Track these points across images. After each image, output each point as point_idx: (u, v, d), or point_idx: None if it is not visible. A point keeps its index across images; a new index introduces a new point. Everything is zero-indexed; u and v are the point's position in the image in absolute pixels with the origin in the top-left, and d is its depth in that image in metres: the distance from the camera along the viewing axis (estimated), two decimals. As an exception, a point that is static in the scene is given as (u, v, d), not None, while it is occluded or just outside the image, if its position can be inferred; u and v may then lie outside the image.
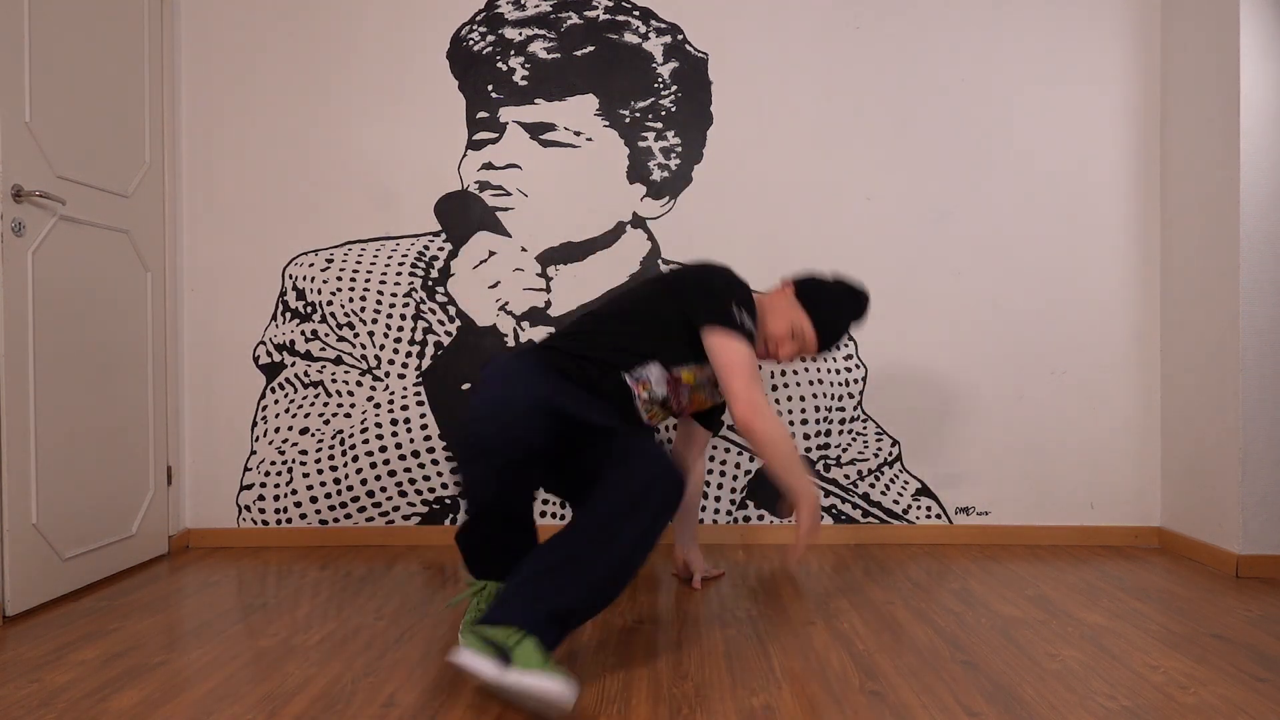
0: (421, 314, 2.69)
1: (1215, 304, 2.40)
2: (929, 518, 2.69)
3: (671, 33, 2.69)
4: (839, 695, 1.50)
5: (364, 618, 1.95)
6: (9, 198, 1.97)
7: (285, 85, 2.71)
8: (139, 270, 2.48)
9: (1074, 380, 2.67)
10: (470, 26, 2.70)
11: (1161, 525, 2.65)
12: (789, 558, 1.91)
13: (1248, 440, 2.29)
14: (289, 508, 2.70)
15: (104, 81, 2.33)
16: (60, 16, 2.16)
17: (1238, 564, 2.28)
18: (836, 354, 2.69)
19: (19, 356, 2.00)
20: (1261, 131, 2.30)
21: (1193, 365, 2.50)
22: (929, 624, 1.88)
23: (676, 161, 2.69)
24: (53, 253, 2.12)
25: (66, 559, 2.15)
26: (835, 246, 2.68)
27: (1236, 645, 1.74)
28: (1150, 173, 2.66)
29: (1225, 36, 2.35)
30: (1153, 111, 2.66)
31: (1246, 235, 2.30)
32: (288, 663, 1.67)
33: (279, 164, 2.71)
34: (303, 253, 2.72)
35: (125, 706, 1.47)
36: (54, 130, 2.13)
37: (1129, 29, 2.66)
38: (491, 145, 2.69)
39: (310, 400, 2.70)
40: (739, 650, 1.72)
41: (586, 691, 1.52)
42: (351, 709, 1.45)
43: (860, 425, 2.69)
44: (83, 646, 1.78)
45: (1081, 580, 2.24)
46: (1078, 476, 2.67)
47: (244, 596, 2.14)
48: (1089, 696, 1.48)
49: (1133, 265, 2.67)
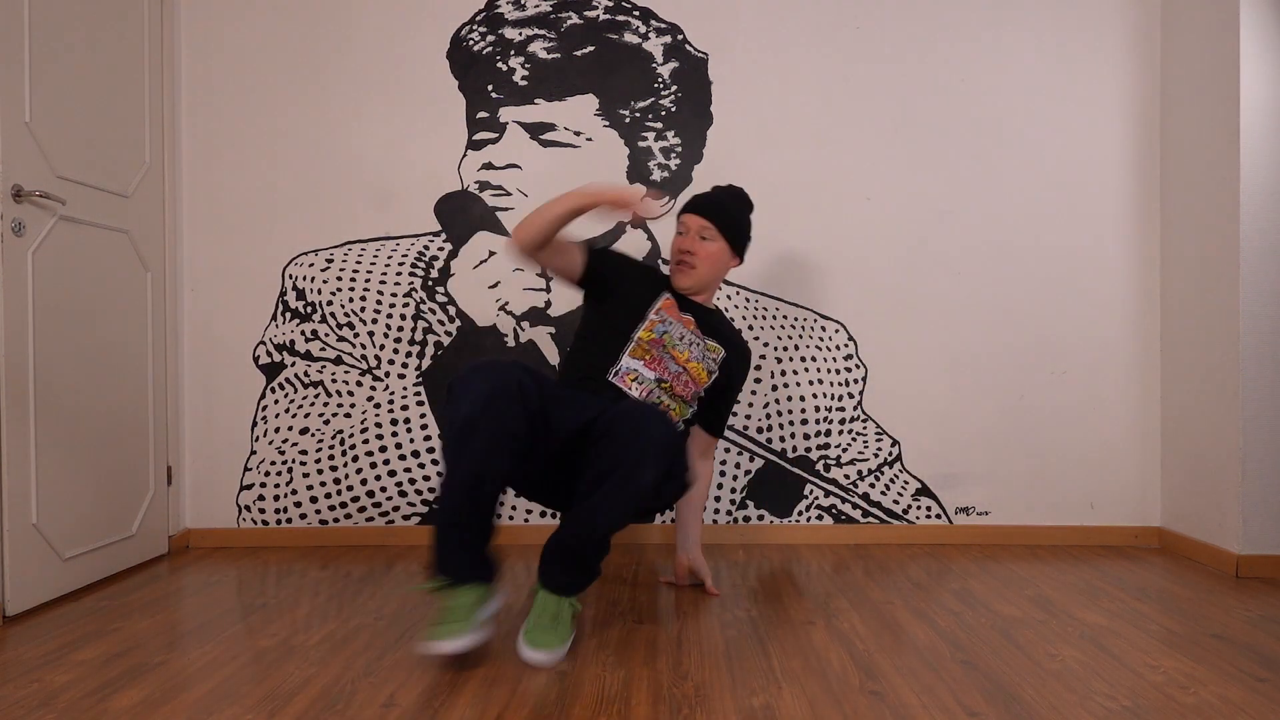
0: (421, 314, 2.69)
1: (1215, 304, 2.40)
2: (929, 518, 2.69)
3: (671, 33, 2.69)
4: (839, 695, 1.50)
5: (364, 618, 1.95)
6: (9, 198, 1.97)
7: (285, 85, 2.71)
8: (139, 270, 2.48)
9: (1074, 380, 2.67)
10: (470, 26, 2.70)
11: (1161, 525, 2.65)
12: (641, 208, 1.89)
13: (1248, 440, 2.29)
14: (289, 508, 2.70)
15: (104, 81, 2.33)
16: (60, 16, 2.16)
17: (1238, 564, 2.28)
18: (836, 354, 2.69)
19: (19, 356, 2.00)
20: (1261, 131, 2.30)
21: (1193, 365, 2.50)
22: (929, 624, 1.88)
23: (676, 161, 2.69)
24: (53, 253, 2.12)
25: (66, 559, 2.15)
26: (835, 246, 2.68)
27: (1236, 645, 1.74)
28: (1150, 173, 2.66)
29: (1225, 36, 2.34)
30: (1153, 111, 2.66)
31: (1246, 235, 2.30)
32: (288, 663, 1.67)
33: (279, 164, 2.71)
34: (303, 253, 2.72)
35: (125, 706, 1.47)
36: (54, 130, 2.13)
37: (1129, 29, 2.66)
38: (491, 145, 2.69)
39: (310, 400, 2.70)
40: (739, 650, 1.72)
41: (586, 691, 1.52)
42: (351, 709, 1.45)
43: (860, 425, 2.69)
44: (83, 646, 1.78)
45: (1081, 580, 2.24)
46: (1078, 476, 2.67)
47: (244, 596, 2.14)
48: (1089, 696, 1.48)
49: (1133, 265, 2.67)
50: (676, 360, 2.00)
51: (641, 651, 1.72)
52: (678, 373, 2.00)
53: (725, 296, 2.67)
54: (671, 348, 2.00)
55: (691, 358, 2.02)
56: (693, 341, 2.04)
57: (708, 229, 2.07)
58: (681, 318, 2.05)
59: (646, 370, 1.96)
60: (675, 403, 1.99)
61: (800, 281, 2.67)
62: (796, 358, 2.68)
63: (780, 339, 2.69)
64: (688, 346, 2.02)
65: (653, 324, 2.01)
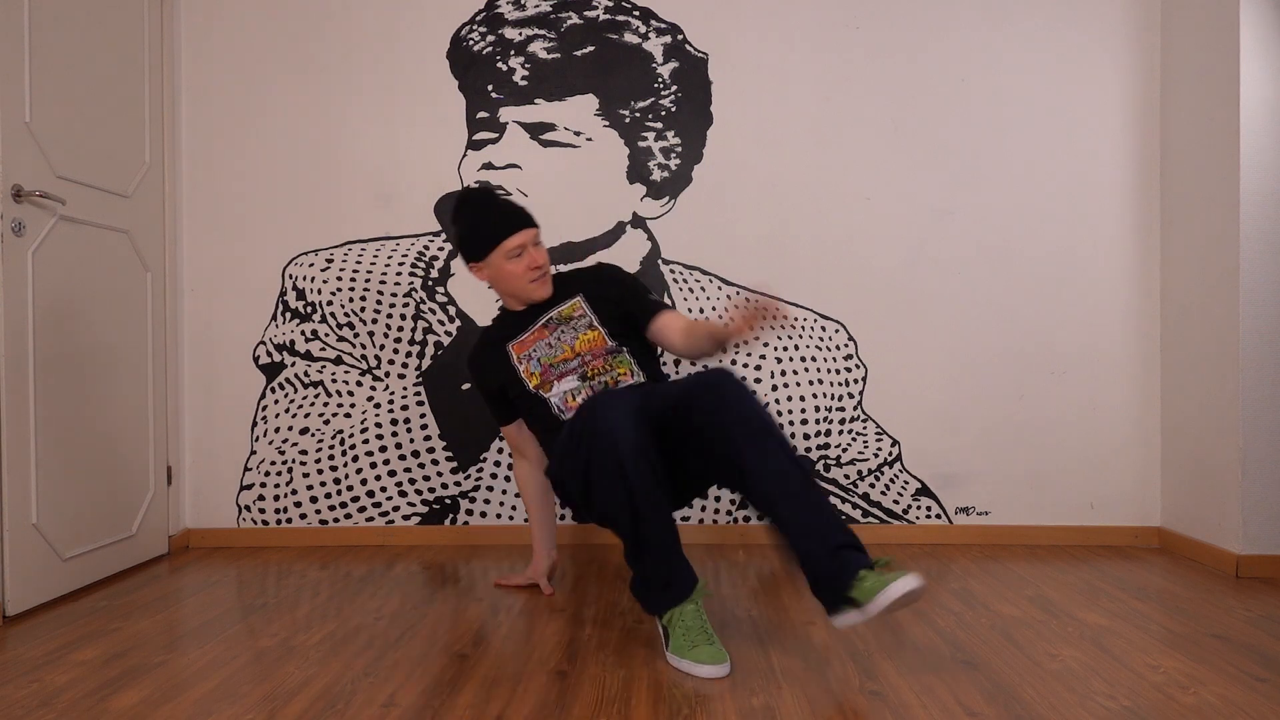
0: (421, 314, 2.69)
1: (1215, 304, 2.40)
2: (929, 518, 2.69)
3: (671, 33, 2.69)
4: (839, 695, 1.50)
5: (364, 618, 1.95)
6: (9, 198, 1.97)
7: (285, 85, 2.71)
8: (139, 270, 2.48)
9: (1074, 380, 2.67)
10: (470, 26, 2.70)
11: (1161, 525, 2.65)
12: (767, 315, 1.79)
13: (1248, 440, 2.29)
14: (289, 508, 2.70)
15: (104, 81, 2.33)
16: (60, 17, 2.16)
17: (1238, 564, 2.28)
18: (836, 354, 2.69)
19: (19, 356, 2.00)
20: (1261, 131, 2.30)
21: (1193, 365, 2.50)
22: (929, 624, 1.88)
23: (676, 161, 2.69)
24: (53, 253, 2.12)
25: (66, 559, 2.15)
26: (835, 246, 2.68)
27: (1236, 645, 1.74)
28: (1150, 173, 2.66)
29: (1225, 36, 2.34)
30: (1153, 111, 2.66)
31: (1246, 235, 2.30)
32: (288, 663, 1.67)
33: (279, 164, 2.71)
34: (303, 253, 2.72)
35: (125, 706, 1.47)
36: (54, 130, 2.13)
37: (1129, 29, 2.66)
38: (491, 145, 2.69)
39: (310, 400, 2.70)
40: (739, 650, 1.72)
41: (586, 691, 1.52)
42: (351, 709, 1.45)
43: (860, 425, 2.69)
44: (83, 646, 1.78)
45: (1081, 580, 2.24)
46: (1078, 476, 2.67)
47: (244, 596, 2.14)
48: (1089, 696, 1.48)
49: (1133, 265, 2.67)
50: (568, 358, 1.98)
51: (641, 651, 1.72)
52: (584, 359, 1.97)
53: (725, 297, 2.67)
54: (556, 359, 1.99)
55: (572, 341, 2.00)
56: (559, 334, 2.01)
57: (534, 233, 2.02)
58: (529, 338, 2.03)
59: (564, 384, 1.95)
60: (611, 369, 1.97)
61: (800, 281, 2.67)
62: (796, 358, 2.68)
63: (780, 339, 2.69)
64: (561, 343, 2.00)
65: (528, 370, 2.01)
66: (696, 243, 2.68)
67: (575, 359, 1.98)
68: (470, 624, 1.90)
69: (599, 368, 1.97)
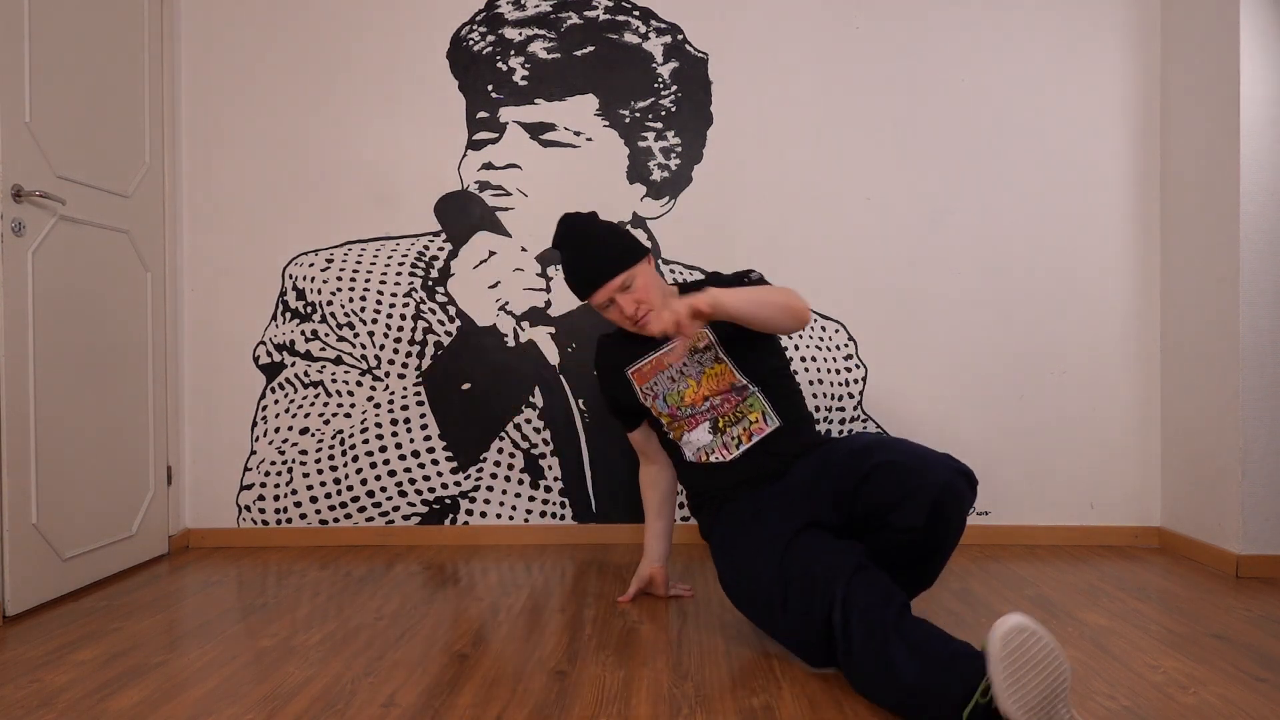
0: (421, 314, 2.69)
1: (1215, 304, 2.40)
2: (929, 518, 2.68)
3: (671, 33, 2.69)
4: (839, 695, 1.50)
5: (364, 618, 1.95)
6: (9, 198, 1.97)
7: (285, 85, 2.71)
8: (139, 270, 2.48)
9: (1074, 380, 2.67)
10: (470, 26, 2.70)
11: (1161, 525, 2.65)
12: None
13: (1248, 440, 2.29)
14: (289, 508, 2.70)
15: (104, 81, 2.33)
16: (60, 17, 2.16)
17: (1238, 564, 2.28)
18: (836, 354, 2.69)
19: (19, 356, 2.00)
20: (1261, 131, 2.30)
21: (1193, 365, 2.50)
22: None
23: (676, 161, 2.69)
24: (53, 253, 2.12)
25: (66, 559, 2.15)
26: (835, 247, 2.68)
27: (1236, 645, 1.74)
28: (1150, 173, 2.66)
29: (1225, 36, 2.34)
30: (1153, 111, 2.66)
31: (1246, 235, 2.30)
32: (288, 663, 1.67)
33: (279, 164, 2.72)
34: (303, 253, 2.72)
35: (125, 706, 1.47)
36: (54, 130, 2.13)
37: (1129, 29, 2.66)
38: (491, 145, 2.69)
39: (310, 400, 2.70)
40: (739, 650, 1.72)
41: (586, 691, 1.52)
42: (351, 709, 1.45)
43: (860, 425, 2.69)
44: (83, 646, 1.78)
45: (1081, 580, 2.24)
46: (1078, 476, 2.67)
47: (244, 596, 2.14)
48: (1089, 696, 1.48)
49: (1133, 265, 2.67)
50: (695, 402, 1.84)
51: (641, 651, 1.72)
52: (713, 404, 1.84)
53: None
54: (683, 402, 1.85)
55: (698, 375, 1.87)
56: (683, 366, 1.86)
57: (615, 284, 1.83)
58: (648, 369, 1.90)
59: (695, 436, 1.85)
60: (742, 416, 1.84)
61: (800, 281, 2.67)
62: (796, 358, 2.68)
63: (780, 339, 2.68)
64: (685, 377, 1.86)
65: (655, 409, 1.89)
66: (696, 243, 2.68)
67: (704, 404, 1.84)
68: (470, 624, 1.90)
69: (729, 414, 1.84)
